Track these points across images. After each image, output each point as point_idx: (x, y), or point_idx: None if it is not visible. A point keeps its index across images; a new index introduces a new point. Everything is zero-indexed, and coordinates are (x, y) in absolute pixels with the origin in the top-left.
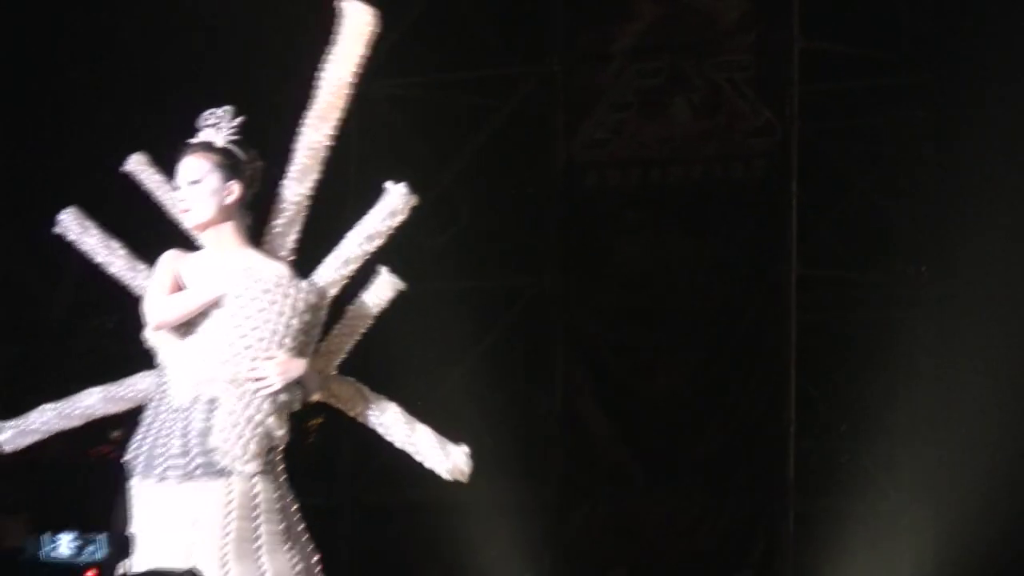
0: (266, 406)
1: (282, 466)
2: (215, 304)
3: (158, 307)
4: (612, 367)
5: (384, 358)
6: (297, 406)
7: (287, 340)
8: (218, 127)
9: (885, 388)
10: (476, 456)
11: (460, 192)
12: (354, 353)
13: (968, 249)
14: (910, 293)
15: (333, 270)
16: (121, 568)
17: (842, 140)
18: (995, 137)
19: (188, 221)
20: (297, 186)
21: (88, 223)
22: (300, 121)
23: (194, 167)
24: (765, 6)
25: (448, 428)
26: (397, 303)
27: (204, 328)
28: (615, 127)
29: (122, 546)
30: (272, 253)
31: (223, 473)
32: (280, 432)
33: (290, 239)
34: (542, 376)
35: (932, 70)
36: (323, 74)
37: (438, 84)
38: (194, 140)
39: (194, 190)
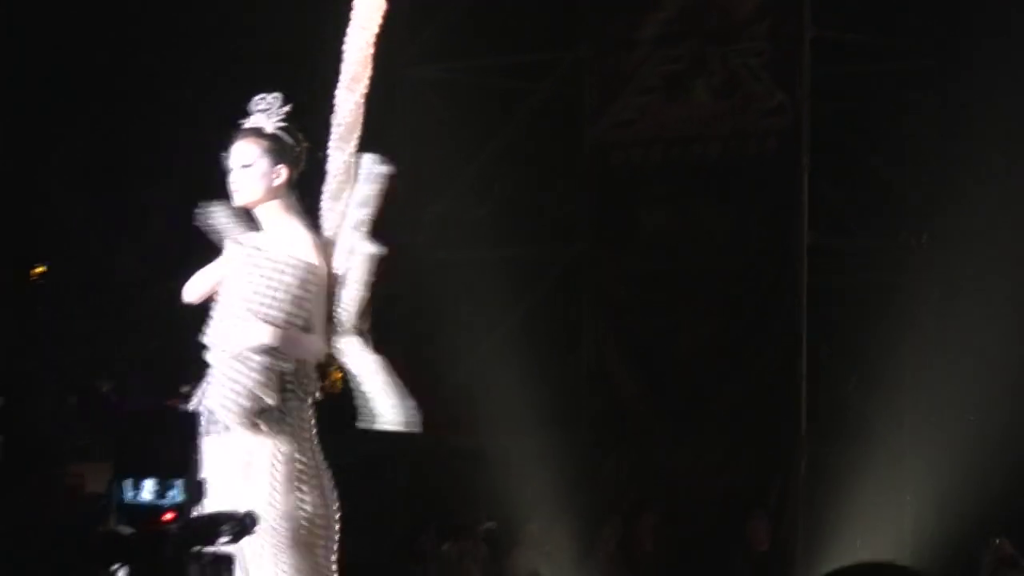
0: (245, 371)
1: (303, 418)
2: (225, 278)
3: (188, 283)
4: (638, 327)
5: (429, 320)
6: (287, 368)
7: (269, 311)
8: (268, 113)
9: (889, 345)
10: (514, 408)
11: (499, 168)
12: (403, 315)
13: (965, 218)
14: (913, 258)
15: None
16: (195, 511)
17: (850, 119)
18: (992, 117)
19: (237, 200)
20: (340, 153)
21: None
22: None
23: (245, 151)
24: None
25: (489, 384)
26: (438, 268)
27: (219, 299)
28: (640, 108)
29: (196, 491)
30: (320, 225)
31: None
32: (269, 394)
33: (341, 204)
34: (574, 336)
35: (935, 55)
36: (346, 45)
37: (478, 69)
38: (246, 125)
39: (245, 173)
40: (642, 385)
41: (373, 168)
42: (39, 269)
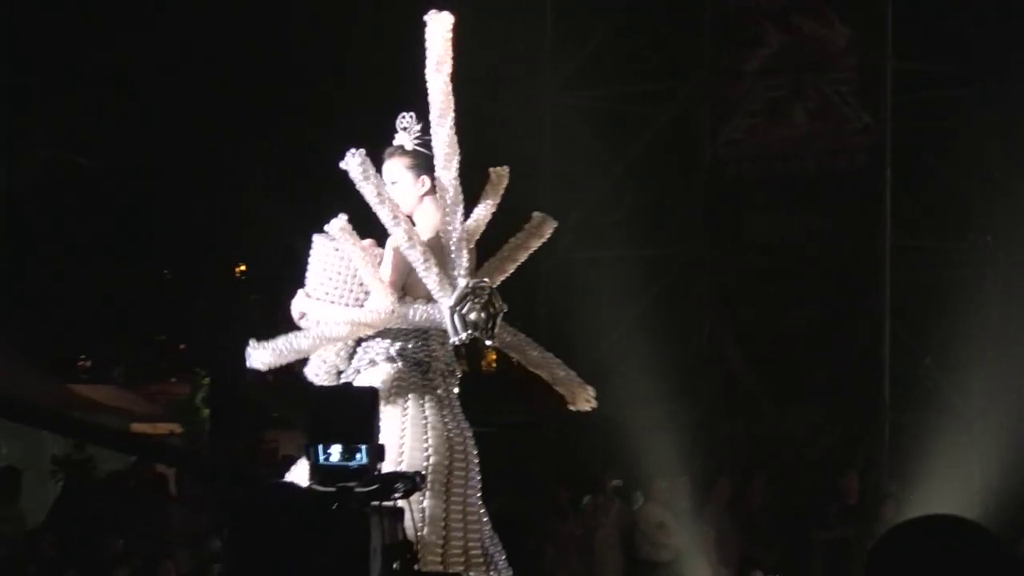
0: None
1: (418, 383)
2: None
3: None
4: (746, 315)
5: (570, 309)
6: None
7: (322, 291)
8: (408, 130)
9: (961, 331)
10: (641, 384)
11: (628, 181)
12: (547, 304)
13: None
14: (981, 257)
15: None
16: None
17: (926, 138)
18: None
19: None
20: (446, 172)
21: (371, 169)
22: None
23: (392, 171)
24: (865, 34)
25: (620, 363)
26: (579, 266)
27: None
28: (748, 130)
29: (377, 455)
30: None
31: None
32: (329, 355)
33: (458, 215)
34: (692, 323)
35: (998, 82)
36: (428, 80)
37: (611, 97)
38: (391, 146)
39: (395, 189)
40: (749, 364)
41: (541, 221)
42: (240, 267)
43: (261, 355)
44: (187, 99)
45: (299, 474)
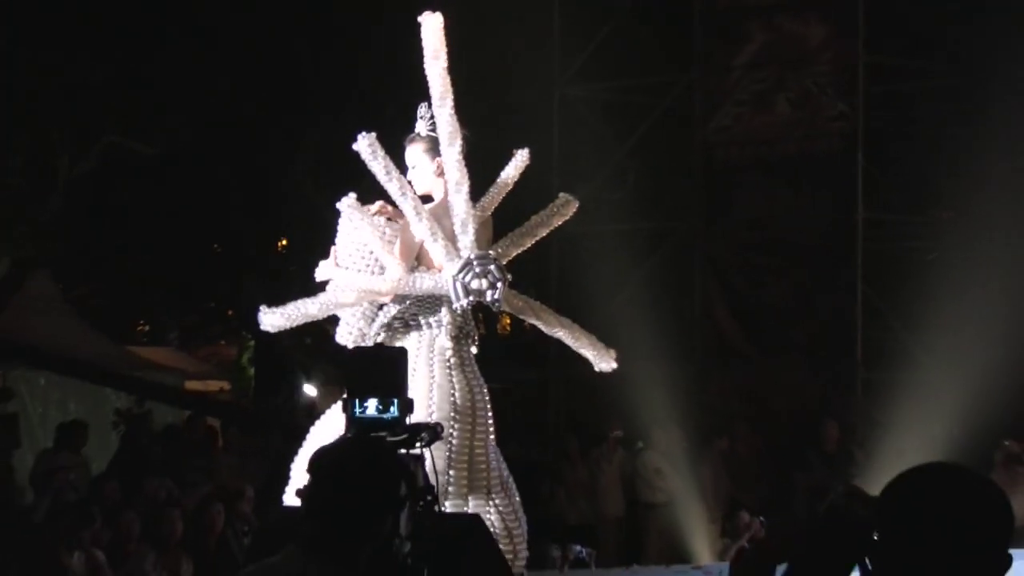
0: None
1: (434, 341)
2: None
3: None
4: (735, 281)
5: (577, 276)
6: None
7: (343, 259)
8: (424, 119)
9: (925, 295)
10: (641, 343)
11: (630, 162)
12: (557, 273)
13: (982, 201)
14: (943, 230)
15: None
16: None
17: (895, 124)
18: (1005, 123)
19: (418, 190)
20: (450, 151)
21: (379, 150)
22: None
23: (412, 155)
24: (840, 32)
25: (622, 325)
26: (586, 239)
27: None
28: (736, 117)
29: (407, 408)
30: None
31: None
32: (356, 320)
33: (464, 191)
34: (686, 288)
35: (961, 74)
36: (427, 70)
37: (614, 88)
38: (411, 134)
39: (414, 173)
40: (737, 325)
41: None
42: (283, 242)
43: (272, 319)
44: (237, 94)
45: (326, 426)
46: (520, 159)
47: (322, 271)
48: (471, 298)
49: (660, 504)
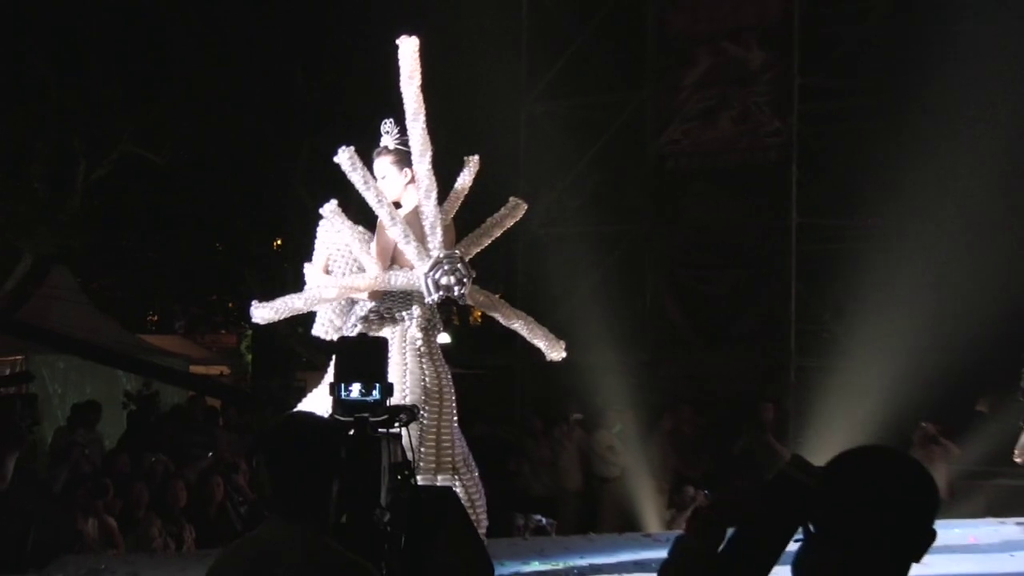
0: None
1: (409, 334)
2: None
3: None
4: (683, 279)
5: (540, 275)
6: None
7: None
8: (390, 133)
9: (853, 292)
10: (598, 334)
11: (589, 171)
12: (522, 271)
13: (902, 207)
14: (869, 233)
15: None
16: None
17: (825, 139)
18: (924, 138)
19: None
20: (421, 163)
21: (358, 162)
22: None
23: (381, 167)
24: (776, 57)
25: (581, 318)
26: (550, 240)
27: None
28: (684, 132)
29: (388, 391)
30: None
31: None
32: (330, 315)
33: (432, 198)
34: (639, 284)
35: (883, 95)
36: (403, 89)
37: (576, 104)
38: (378, 147)
39: (384, 182)
40: (685, 317)
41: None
42: (277, 242)
43: (262, 312)
44: (239, 107)
45: (312, 403)
46: (472, 165)
47: (309, 274)
48: (441, 293)
49: (612, 478)
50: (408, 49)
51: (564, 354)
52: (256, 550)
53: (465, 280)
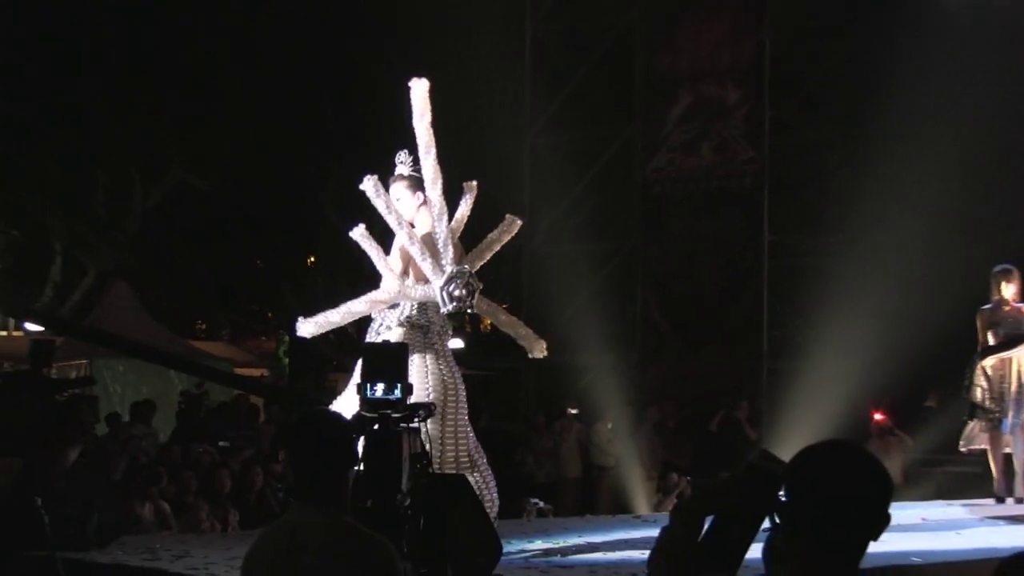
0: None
1: (428, 340)
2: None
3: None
4: (669, 289)
5: (542, 287)
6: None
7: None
8: (404, 163)
9: (819, 302)
10: (593, 339)
11: (586, 195)
12: (526, 284)
13: (863, 226)
14: (833, 250)
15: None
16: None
17: (793, 167)
18: (880, 165)
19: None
20: (433, 191)
21: (381, 189)
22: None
23: (396, 191)
24: (750, 95)
25: (579, 324)
26: (551, 256)
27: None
28: (669, 160)
29: (408, 390)
30: (431, 229)
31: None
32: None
33: (444, 220)
34: (630, 294)
35: (846, 128)
36: (415, 126)
37: (575, 137)
38: (395, 174)
39: (400, 204)
40: (670, 324)
41: (511, 221)
42: (311, 259)
43: (306, 327)
44: (275, 139)
45: (343, 403)
46: (470, 192)
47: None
48: (455, 303)
49: (609, 467)
50: (419, 90)
51: (545, 352)
52: (285, 532)
53: (475, 292)
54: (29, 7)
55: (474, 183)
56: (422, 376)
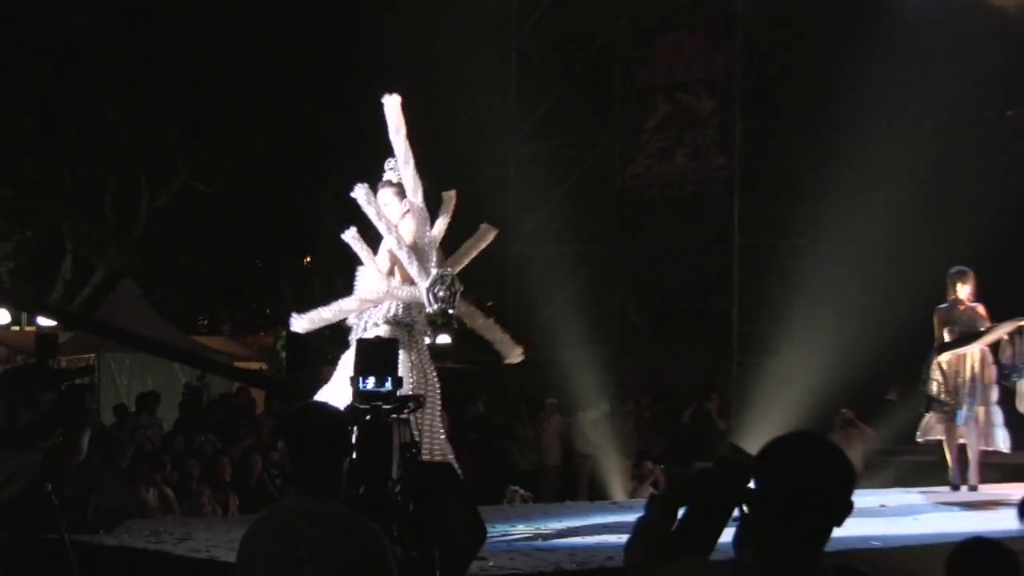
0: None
1: (414, 340)
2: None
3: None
4: (645, 288)
5: (524, 287)
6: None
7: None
8: (392, 170)
9: (786, 300)
10: (573, 336)
11: (566, 201)
12: (509, 285)
13: (828, 229)
14: (799, 251)
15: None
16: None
17: (763, 173)
18: (844, 171)
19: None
20: (414, 198)
21: (371, 196)
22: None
23: (384, 197)
24: (723, 106)
25: (558, 323)
26: (534, 258)
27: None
28: (646, 167)
29: (398, 383)
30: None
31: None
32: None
33: (426, 225)
34: (607, 293)
35: (812, 136)
36: (392, 140)
37: (556, 144)
38: (383, 180)
39: (386, 209)
40: (646, 321)
41: (487, 229)
42: (307, 259)
43: (300, 323)
44: (275, 146)
45: (330, 393)
46: (449, 200)
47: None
48: (440, 304)
49: (588, 454)
50: (392, 105)
51: (521, 357)
52: (281, 518)
53: (457, 294)
54: (41, 22)
55: (452, 193)
56: (406, 371)
